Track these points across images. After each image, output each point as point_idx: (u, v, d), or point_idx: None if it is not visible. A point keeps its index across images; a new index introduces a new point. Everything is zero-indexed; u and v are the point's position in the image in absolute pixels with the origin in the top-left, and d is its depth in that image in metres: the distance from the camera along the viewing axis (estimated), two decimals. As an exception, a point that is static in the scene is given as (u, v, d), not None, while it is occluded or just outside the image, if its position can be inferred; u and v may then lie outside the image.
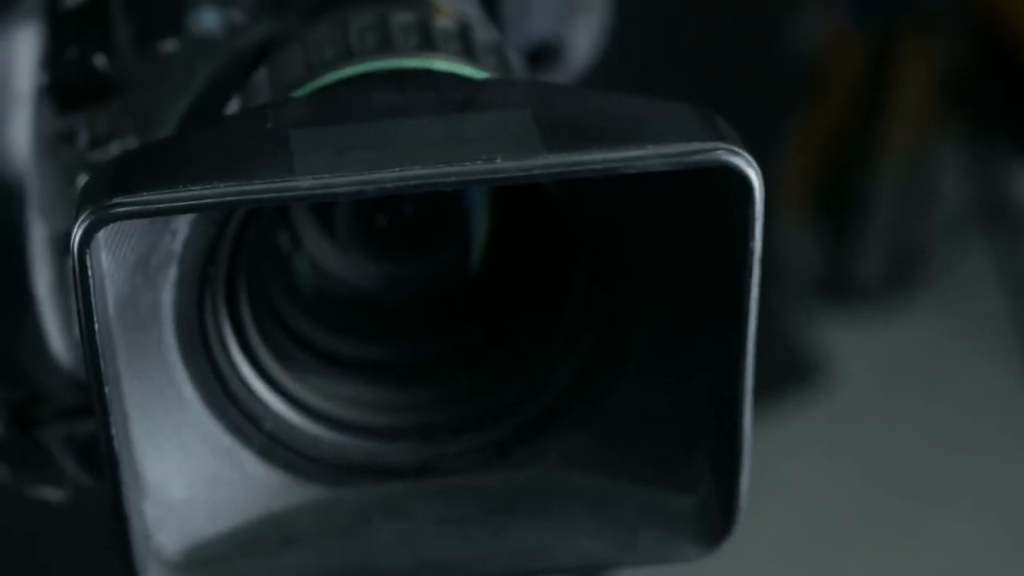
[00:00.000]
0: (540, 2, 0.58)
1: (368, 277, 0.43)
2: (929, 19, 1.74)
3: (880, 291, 1.78)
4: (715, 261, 0.37)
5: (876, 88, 1.76)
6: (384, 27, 0.41)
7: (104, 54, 0.45)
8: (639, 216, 0.38)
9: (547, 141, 0.34)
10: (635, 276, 0.40)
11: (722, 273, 0.37)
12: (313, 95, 0.39)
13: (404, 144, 0.34)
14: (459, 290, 0.43)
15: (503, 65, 0.41)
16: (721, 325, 0.37)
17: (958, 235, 1.81)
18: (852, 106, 1.79)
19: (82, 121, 0.45)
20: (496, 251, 0.42)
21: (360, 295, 0.43)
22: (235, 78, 0.46)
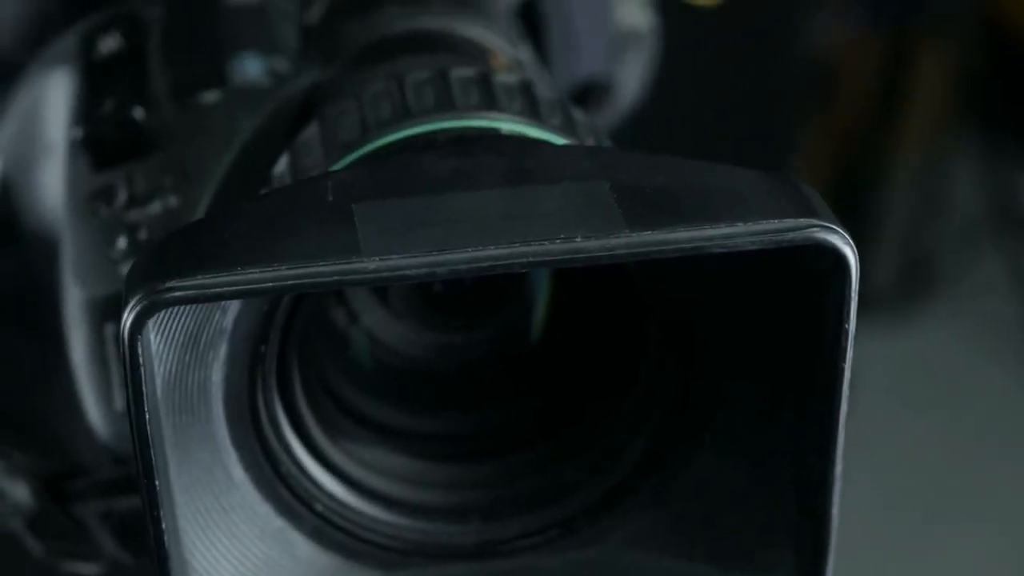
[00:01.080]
0: (588, 39, 0.55)
1: (425, 346, 0.41)
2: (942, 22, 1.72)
3: (892, 297, 1.77)
4: (802, 338, 0.35)
5: (889, 92, 1.74)
6: (443, 83, 0.39)
7: (142, 106, 0.42)
8: (718, 290, 0.36)
9: (629, 217, 0.32)
10: (712, 351, 0.37)
11: (810, 351, 0.35)
12: (373, 160, 0.36)
13: (475, 220, 0.32)
14: (520, 359, 0.41)
15: (568, 123, 0.39)
16: (808, 405, 0.35)
17: (970, 241, 1.79)
18: (864, 110, 1.77)
19: (120, 178, 0.42)
20: (559, 319, 0.40)
21: (417, 365, 0.41)
22: (282, 133, 0.44)
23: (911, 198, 1.80)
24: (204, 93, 0.44)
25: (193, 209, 0.41)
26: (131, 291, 0.31)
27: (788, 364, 0.36)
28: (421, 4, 0.47)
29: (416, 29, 0.46)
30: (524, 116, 0.38)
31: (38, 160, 0.47)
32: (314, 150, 0.39)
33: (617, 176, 0.33)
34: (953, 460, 1.61)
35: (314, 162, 0.38)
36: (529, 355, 0.41)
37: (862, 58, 1.77)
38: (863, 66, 1.76)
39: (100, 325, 0.41)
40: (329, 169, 0.38)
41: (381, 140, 0.37)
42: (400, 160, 0.35)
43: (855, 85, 1.79)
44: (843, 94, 1.78)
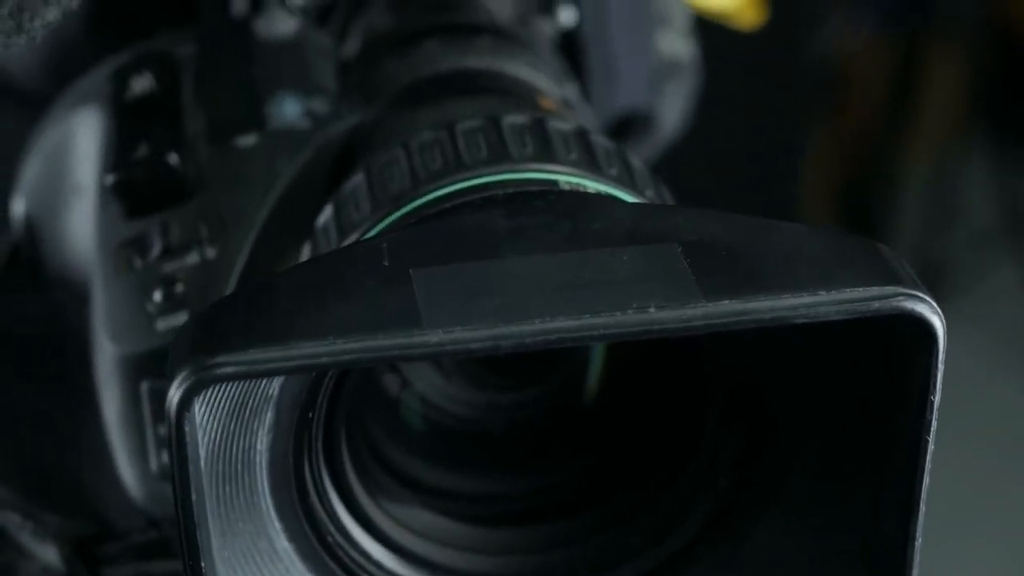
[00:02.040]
0: (629, 69, 0.54)
1: (477, 406, 0.39)
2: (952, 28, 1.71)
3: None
4: (879, 406, 0.33)
5: (900, 98, 1.72)
6: (496, 131, 0.37)
7: (176, 150, 0.41)
8: (789, 355, 0.34)
9: (704, 283, 0.30)
10: (781, 417, 0.36)
11: (888, 420, 0.33)
12: (425, 214, 0.34)
13: (541, 288, 0.30)
14: (574, 419, 0.39)
15: (626, 173, 0.37)
16: (884, 475, 0.33)
17: (983, 247, 1.78)
18: (875, 117, 1.75)
19: (154, 227, 0.40)
20: (615, 379, 0.38)
21: (469, 425, 0.39)
22: (324, 179, 0.42)
23: (923, 204, 1.78)
24: (241, 136, 0.42)
25: (232, 261, 0.40)
26: (178, 365, 0.29)
27: (862, 432, 0.34)
28: (464, 42, 0.45)
29: (461, 68, 0.44)
30: (582, 167, 0.36)
31: (66, 202, 0.45)
32: (361, 202, 0.37)
33: (687, 237, 0.32)
34: (965, 466, 1.60)
35: (361, 216, 0.36)
36: (583, 415, 0.39)
37: (873, 64, 1.75)
38: (874, 72, 1.74)
39: (135, 382, 0.39)
40: (378, 222, 0.36)
41: (433, 193, 0.36)
42: (457, 220, 0.34)
43: (866, 91, 1.78)
44: (854, 100, 1.77)
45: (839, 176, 1.80)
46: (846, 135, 1.78)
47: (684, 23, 0.56)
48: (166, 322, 0.39)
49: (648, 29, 0.55)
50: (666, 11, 0.55)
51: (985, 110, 1.81)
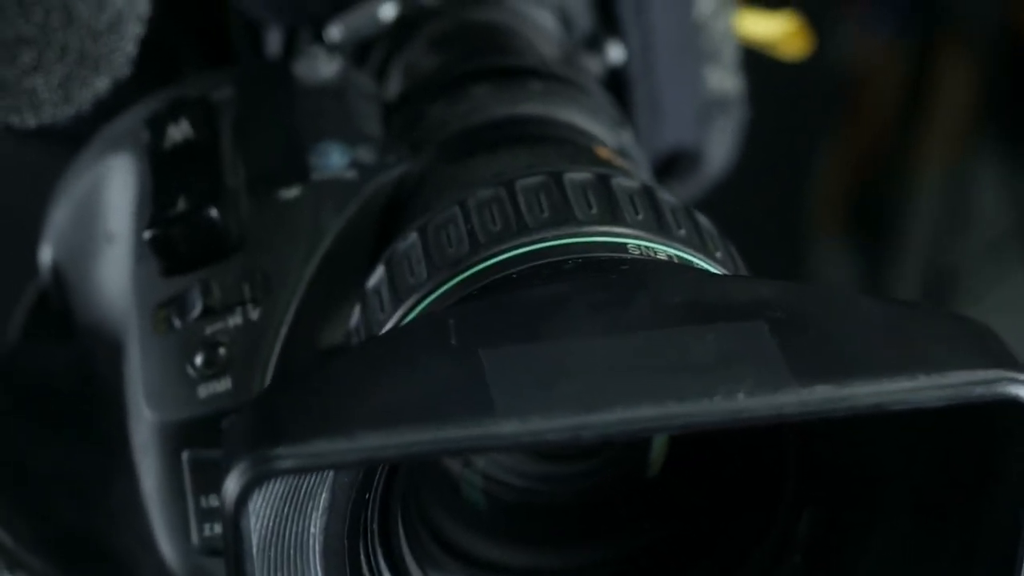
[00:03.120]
0: (677, 106, 0.52)
1: (540, 478, 0.37)
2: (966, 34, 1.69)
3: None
4: (970, 487, 0.31)
5: (913, 104, 1.70)
6: (558, 189, 0.35)
7: (216, 204, 0.38)
8: (874, 433, 0.32)
9: (795, 367, 0.28)
10: (862, 493, 0.34)
11: (979, 500, 0.31)
12: (493, 287, 0.33)
13: (621, 371, 0.28)
14: (641, 490, 0.37)
15: (695, 233, 0.35)
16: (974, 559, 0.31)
17: (997, 257, 1.75)
18: (888, 123, 1.73)
19: (194, 285, 0.38)
20: (684, 448, 0.36)
21: (531, 497, 0.37)
22: (372, 233, 0.40)
23: (936, 210, 1.76)
24: (284, 188, 0.40)
25: (277, 322, 0.37)
26: (234, 456, 0.27)
27: (950, 511, 0.32)
28: (516, 87, 0.43)
29: (513, 115, 0.42)
30: (650, 229, 0.34)
31: (97, 250, 0.44)
32: (416, 265, 0.35)
33: (773, 313, 0.30)
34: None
35: (417, 280, 0.34)
36: (649, 486, 0.37)
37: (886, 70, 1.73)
38: (887, 78, 1.72)
39: (176, 452, 0.37)
40: (435, 288, 0.34)
41: (494, 258, 0.34)
42: (527, 293, 0.32)
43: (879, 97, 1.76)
44: (867, 106, 1.75)
45: (851, 182, 1.78)
46: (859, 141, 1.76)
47: (733, 58, 0.54)
48: (208, 388, 0.37)
49: (696, 65, 0.53)
50: (716, 46, 0.53)
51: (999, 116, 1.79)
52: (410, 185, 0.41)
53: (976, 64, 1.72)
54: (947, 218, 1.74)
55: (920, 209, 1.74)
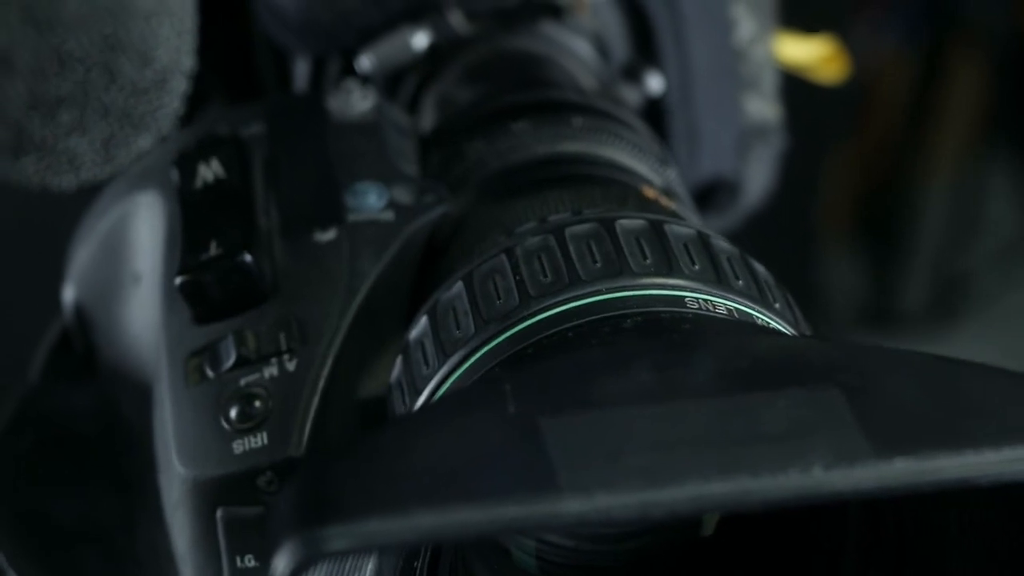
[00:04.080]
0: (716, 136, 0.50)
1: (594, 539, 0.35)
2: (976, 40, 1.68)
3: (924, 321, 1.72)
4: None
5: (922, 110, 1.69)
6: (610, 238, 0.33)
7: (250, 250, 0.37)
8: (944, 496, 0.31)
9: (872, 436, 0.27)
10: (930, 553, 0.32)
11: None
12: (547, 345, 0.31)
13: (689, 442, 0.27)
14: (698, 548, 0.36)
15: (754, 284, 0.34)
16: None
17: (1006, 264, 1.74)
18: (897, 129, 1.72)
19: (227, 334, 0.37)
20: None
21: (585, 559, 0.35)
22: (410, 279, 0.38)
23: (945, 218, 1.75)
24: (319, 231, 0.38)
25: (315, 374, 0.36)
26: (284, 534, 0.26)
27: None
28: (558, 123, 0.41)
29: (557, 154, 0.40)
30: (708, 280, 0.33)
31: (123, 291, 0.42)
32: (462, 319, 0.33)
33: (847, 378, 0.28)
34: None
35: (464, 334, 0.33)
36: (706, 544, 0.36)
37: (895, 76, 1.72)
38: (896, 84, 1.71)
39: (210, 509, 0.35)
40: (484, 344, 0.32)
41: (545, 312, 0.32)
42: (585, 354, 0.30)
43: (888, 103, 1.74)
44: (876, 112, 1.73)
45: (860, 188, 1.77)
46: (868, 147, 1.75)
47: (772, 86, 0.53)
48: (244, 443, 0.35)
49: (736, 93, 0.51)
50: (755, 73, 0.51)
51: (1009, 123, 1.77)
52: (449, 227, 0.39)
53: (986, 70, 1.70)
54: (956, 225, 1.73)
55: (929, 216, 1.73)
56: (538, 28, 0.48)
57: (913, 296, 1.71)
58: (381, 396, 0.37)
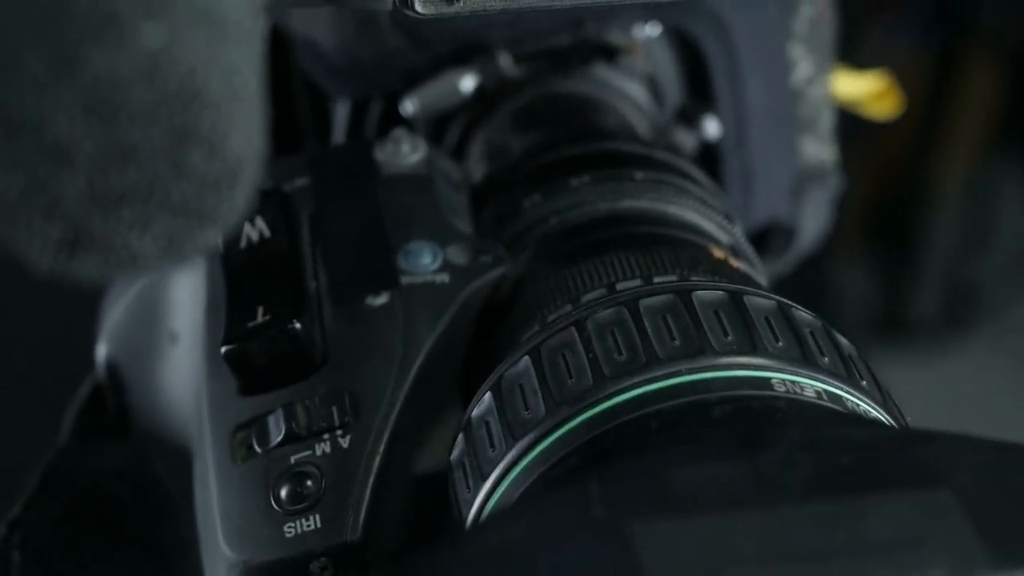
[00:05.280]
0: (771, 180, 0.48)
1: None
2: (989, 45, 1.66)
3: (934, 328, 1.70)
4: None
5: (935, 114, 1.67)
6: (688, 312, 0.31)
7: (299, 317, 0.35)
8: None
9: (991, 546, 0.25)
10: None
11: None
12: (630, 435, 0.29)
13: (790, 553, 0.25)
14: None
15: (840, 360, 0.32)
16: None
17: (1017, 272, 1.73)
18: (909, 135, 1.70)
19: (276, 408, 0.35)
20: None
21: None
22: (467, 345, 0.36)
23: (957, 224, 1.74)
24: (371, 296, 0.36)
25: (371, 451, 0.34)
26: None
27: None
28: (620, 177, 0.39)
29: (618, 211, 0.38)
30: (794, 360, 0.31)
31: (159, 351, 0.40)
32: (530, 398, 0.31)
33: (957, 477, 0.26)
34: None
35: (533, 415, 0.31)
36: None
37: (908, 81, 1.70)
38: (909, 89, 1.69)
39: None
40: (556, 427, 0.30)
41: (622, 395, 0.30)
42: (678, 454, 0.28)
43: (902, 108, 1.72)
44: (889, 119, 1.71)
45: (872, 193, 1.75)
46: (879, 154, 1.73)
47: (829, 127, 0.51)
48: (295, 526, 0.33)
49: (792, 135, 0.49)
50: (812, 114, 0.49)
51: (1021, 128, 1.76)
52: (507, 289, 0.37)
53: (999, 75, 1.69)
54: (968, 231, 1.71)
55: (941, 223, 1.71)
56: (590, 70, 0.46)
57: (924, 303, 1.70)
58: (439, 471, 0.35)
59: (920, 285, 1.71)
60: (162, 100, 0.22)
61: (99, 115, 0.21)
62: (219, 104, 0.22)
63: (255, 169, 0.23)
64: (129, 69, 0.21)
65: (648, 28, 0.46)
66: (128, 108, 0.21)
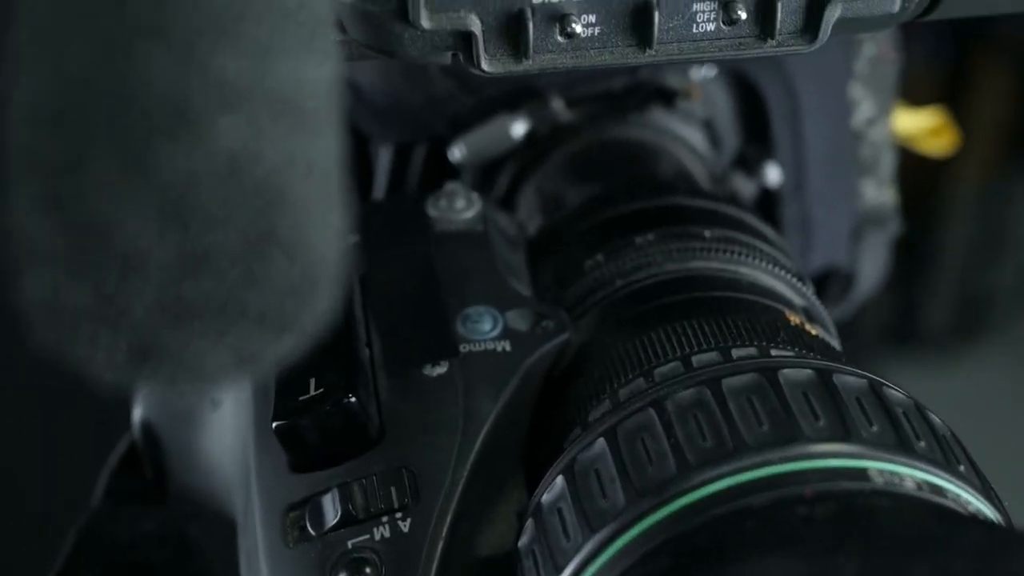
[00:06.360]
0: (830, 226, 0.46)
1: None
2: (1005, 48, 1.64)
3: (946, 339, 1.69)
4: None
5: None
6: (775, 393, 0.29)
7: (354, 391, 0.33)
8: None
9: None
10: None
11: None
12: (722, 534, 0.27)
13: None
14: None
15: (935, 442, 0.30)
16: None
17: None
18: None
19: (331, 487, 0.32)
20: None
21: None
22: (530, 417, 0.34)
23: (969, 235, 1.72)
24: (429, 366, 0.34)
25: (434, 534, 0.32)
26: None
27: None
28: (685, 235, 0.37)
29: (688, 272, 0.36)
30: (890, 447, 0.29)
31: (201, 416, 0.38)
32: (608, 486, 0.29)
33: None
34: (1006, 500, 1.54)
35: (612, 505, 0.29)
36: None
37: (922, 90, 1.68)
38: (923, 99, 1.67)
39: None
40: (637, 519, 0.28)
41: (710, 486, 0.28)
42: (783, 566, 0.26)
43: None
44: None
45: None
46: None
47: (890, 168, 0.49)
48: None
49: (852, 179, 0.47)
50: (873, 156, 0.47)
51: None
52: (570, 357, 0.35)
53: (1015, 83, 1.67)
54: (981, 241, 1.70)
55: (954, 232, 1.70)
56: (646, 115, 0.44)
57: (937, 313, 1.68)
58: (503, 555, 0.33)
59: (933, 295, 1.70)
60: (240, 202, 0.20)
61: (172, 220, 0.19)
62: (301, 204, 0.20)
63: (337, 271, 0.21)
64: (205, 168, 0.20)
65: (704, 69, 0.44)
66: (204, 212, 0.20)
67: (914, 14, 0.33)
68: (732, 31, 0.32)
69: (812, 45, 0.32)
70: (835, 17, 0.32)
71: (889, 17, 0.32)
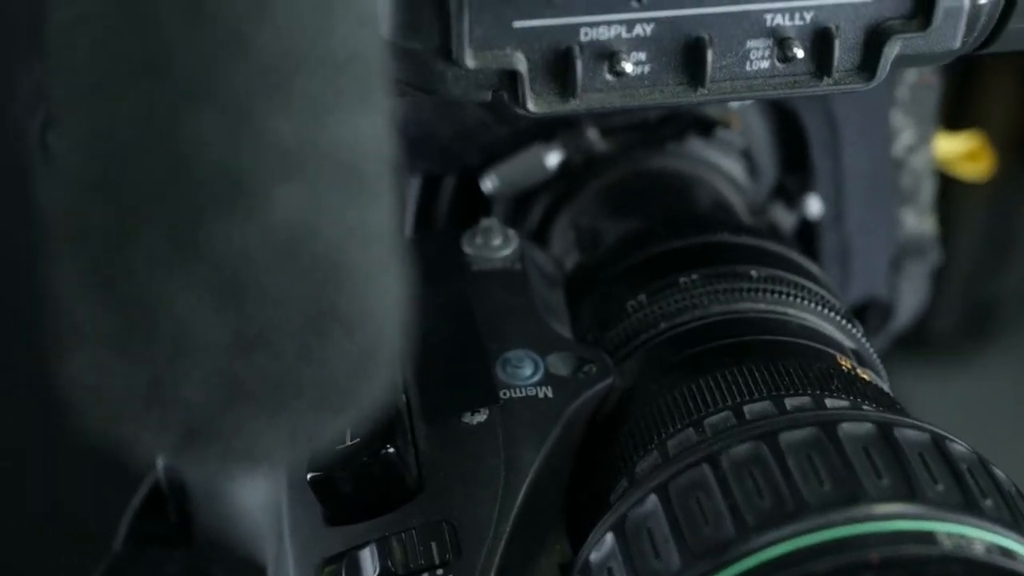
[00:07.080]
0: (868, 254, 0.45)
1: None
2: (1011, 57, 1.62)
3: (955, 343, 1.67)
4: None
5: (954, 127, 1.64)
6: (836, 449, 0.28)
7: (391, 441, 0.32)
8: None
9: None
10: None
11: None
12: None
13: None
14: None
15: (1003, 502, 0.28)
16: None
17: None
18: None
19: (368, 542, 0.31)
20: None
21: None
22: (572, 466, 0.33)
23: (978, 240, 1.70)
24: (469, 414, 0.33)
25: (477, 592, 0.31)
26: None
27: None
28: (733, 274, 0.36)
29: (735, 314, 0.35)
30: (957, 508, 0.28)
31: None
32: (661, 546, 0.28)
33: None
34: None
35: (666, 567, 0.28)
36: None
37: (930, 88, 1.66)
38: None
39: None
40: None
41: (770, 550, 0.27)
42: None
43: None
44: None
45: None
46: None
47: (931, 197, 0.48)
48: None
49: (892, 208, 0.46)
50: (914, 184, 0.46)
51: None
52: (614, 403, 0.34)
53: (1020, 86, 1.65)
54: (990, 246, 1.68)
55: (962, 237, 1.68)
56: (684, 145, 0.43)
57: (945, 318, 1.67)
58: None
59: (941, 299, 1.68)
60: (298, 278, 0.19)
61: (227, 298, 0.18)
62: (360, 275, 0.19)
63: (396, 347, 0.20)
64: (261, 244, 0.18)
65: (742, 97, 0.43)
66: (259, 289, 0.18)
67: (972, 47, 0.32)
68: (787, 68, 0.31)
69: (870, 83, 0.31)
70: (894, 54, 0.30)
71: (949, 53, 0.31)
